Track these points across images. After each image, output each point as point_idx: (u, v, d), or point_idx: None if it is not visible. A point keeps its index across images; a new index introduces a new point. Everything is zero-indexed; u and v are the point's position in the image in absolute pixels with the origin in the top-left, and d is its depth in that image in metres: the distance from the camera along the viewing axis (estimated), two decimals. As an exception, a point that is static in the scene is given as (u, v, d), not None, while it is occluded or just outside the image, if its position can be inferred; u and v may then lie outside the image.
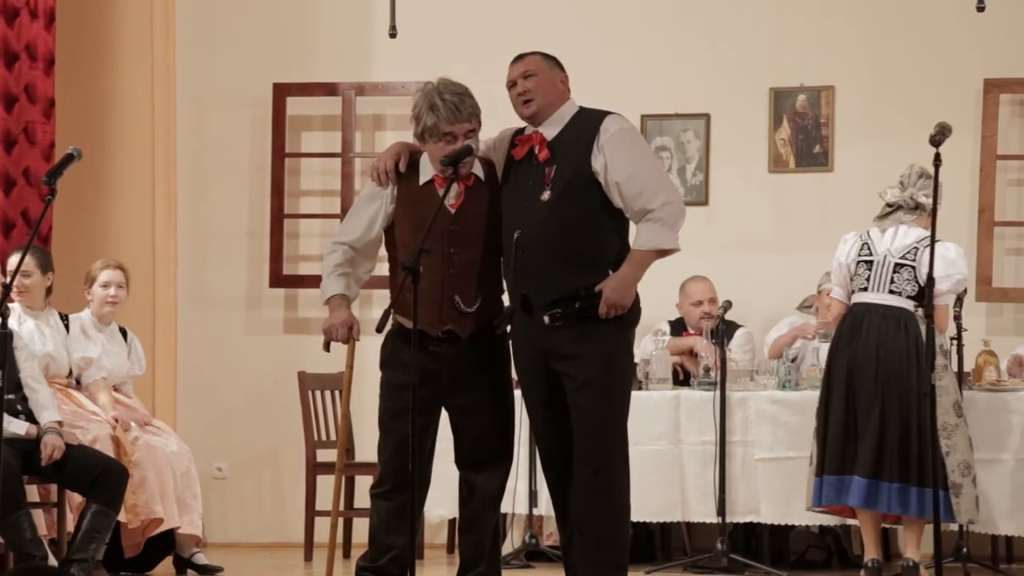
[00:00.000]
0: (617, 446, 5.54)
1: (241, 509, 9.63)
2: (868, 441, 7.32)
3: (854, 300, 7.50)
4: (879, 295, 7.42)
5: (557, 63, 5.69)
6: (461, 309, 5.61)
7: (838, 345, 7.47)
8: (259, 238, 9.67)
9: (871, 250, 7.49)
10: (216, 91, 9.72)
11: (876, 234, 7.54)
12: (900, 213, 7.50)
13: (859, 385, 7.35)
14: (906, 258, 7.42)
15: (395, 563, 5.69)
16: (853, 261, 7.50)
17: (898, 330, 7.37)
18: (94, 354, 7.81)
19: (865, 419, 7.34)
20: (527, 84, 5.59)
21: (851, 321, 7.45)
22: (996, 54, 9.12)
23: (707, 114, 9.43)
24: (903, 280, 7.41)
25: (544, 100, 5.60)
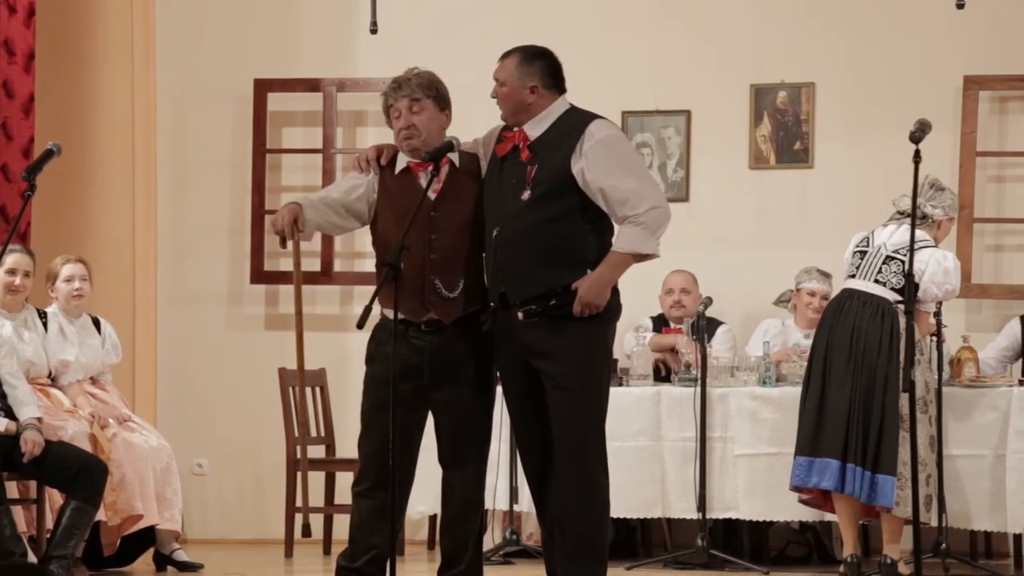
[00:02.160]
0: (595, 443, 5.55)
1: (221, 505, 9.61)
2: (836, 422, 7.37)
3: (843, 286, 7.59)
4: (864, 282, 7.49)
5: (541, 66, 5.62)
6: (443, 294, 5.62)
7: (821, 327, 7.55)
8: (240, 234, 9.66)
9: (869, 242, 7.56)
10: (196, 87, 9.70)
11: (880, 230, 7.59)
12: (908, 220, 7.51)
13: (833, 367, 7.43)
14: (899, 252, 7.46)
15: (375, 564, 5.69)
16: (851, 253, 7.59)
17: (874, 317, 7.42)
18: (71, 357, 7.80)
19: (835, 399, 7.40)
20: (497, 91, 5.63)
21: (835, 305, 7.55)
22: (976, 51, 9.14)
23: (688, 111, 9.44)
24: (890, 272, 7.46)
25: (508, 111, 5.61)
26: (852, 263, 7.57)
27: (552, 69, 5.66)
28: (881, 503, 7.38)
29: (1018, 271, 9.08)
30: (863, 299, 7.46)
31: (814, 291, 8.63)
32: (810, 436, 7.45)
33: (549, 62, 5.66)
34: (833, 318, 7.51)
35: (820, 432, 7.43)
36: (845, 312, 7.47)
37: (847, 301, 7.50)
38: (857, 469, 7.34)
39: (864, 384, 7.38)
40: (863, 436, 7.36)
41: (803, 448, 7.47)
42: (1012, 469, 7.69)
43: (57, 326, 7.82)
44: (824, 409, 7.44)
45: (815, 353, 7.55)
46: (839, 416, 7.39)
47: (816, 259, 8.62)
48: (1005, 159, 9.21)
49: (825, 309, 7.66)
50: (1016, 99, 9.19)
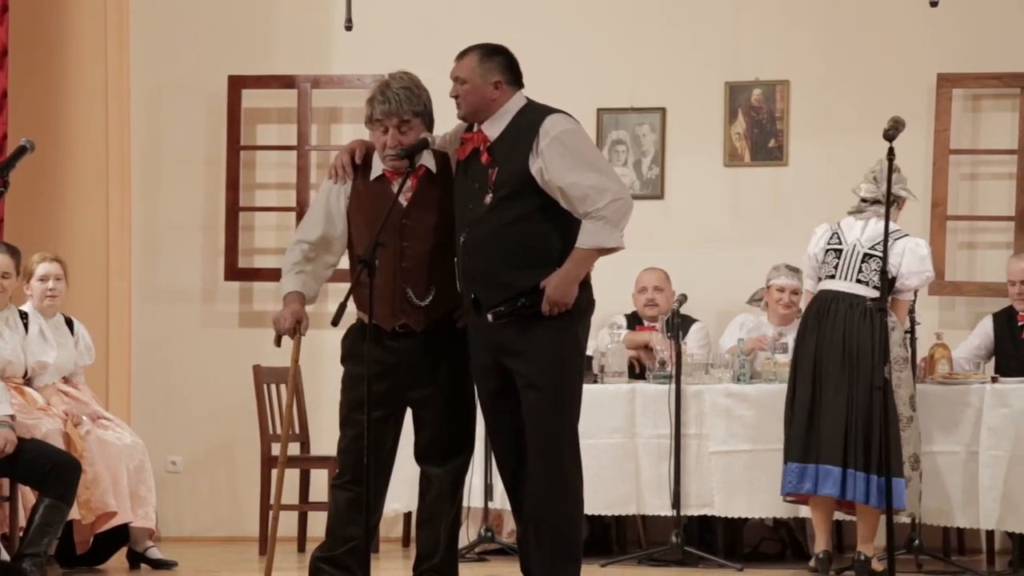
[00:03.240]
0: (568, 440, 5.55)
1: (195, 503, 9.59)
2: (833, 429, 7.37)
3: (821, 287, 7.57)
4: (846, 283, 7.50)
5: (500, 62, 5.58)
6: (414, 303, 5.62)
7: (804, 332, 7.54)
8: (214, 231, 9.64)
9: (841, 239, 7.56)
10: (171, 83, 9.68)
11: (848, 223, 7.61)
12: (876, 207, 7.54)
13: (826, 371, 7.42)
14: (875, 248, 7.48)
15: (352, 555, 5.68)
16: (821, 250, 7.59)
17: (863, 320, 7.43)
18: (49, 359, 7.77)
19: (831, 406, 7.40)
20: (458, 89, 5.59)
21: (817, 308, 7.52)
22: (949, 49, 9.18)
23: (663, 108, 9.45)
24: (871, 270, 7.48)
25: (470, 108, 5.57)
26: (827, 262, 7.57)
27: (511, 64, 5.62)
28: (896, 506, 7.35)
29: (991, 268, 9.12)
30: (849, 301, 7.47)
31: (783, 287, 8.65)
32: (802, 442, 7.43)
33: (508, 57, 5.63)
34: (819, 321, 7.49)
35: (815, 439, 7.41)
36: (833, 315, 7.46)
37: (832, 304, 7.49)
38: (859, 475, 7.34)
39: (862, 388, 7.37)
40: (865, 441, 7.34)
41: (795, 455, 7.44)
42: (985, 466, 7.72)
43: (38, 327, 7.79)
44: (818, 415, 7.42)
45: (802, 357, 7.51)
46: (836, 422, 7.37)
47: (790, 256, 8.63)
48: (978, 156, 9.25)
49: (806, 311, 7.61)
50: (989, 97, 9.23)
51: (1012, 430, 7.67)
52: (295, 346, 5.79)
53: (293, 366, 5.87)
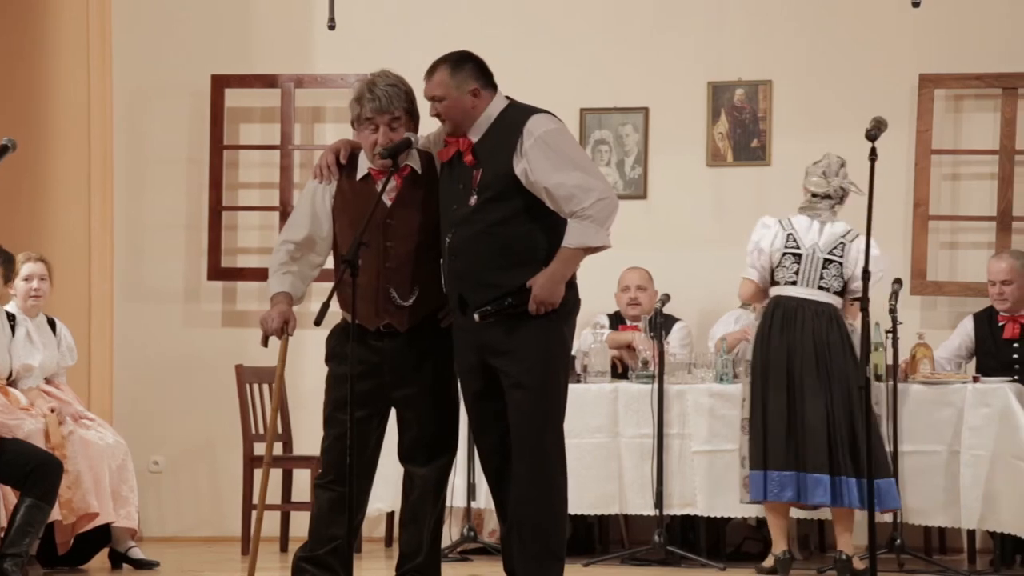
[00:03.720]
0: (553, 440, 5.55)
1: (178, 503, 9.58)
2: (817, 436, 7.39)
3: (782, 292, 7.59)
4: (809, 290, 7.55)
5: (471, 69, 5.54)
6: (397, 303, 5.62)
7: (769, 336, 7.53)
8: (197, 231, 9.63)
9: (797, 242, 7.59)
10: (153, 83, 9.67)
11: (801, 224, 7.64)
12: (828, 203, 7.60)
13: (801, 378, 7.43)
14: (833, 253, 7.57)
15: (335, 554, 5.68)
16: (778, 251, 7.60)
17: (830, 325, 7.51)
18: (35, 362, 7.76)
19: (812, 413, 7.41)
20: (437, 107, 5.56)
21: (782, 314, 7.53)
22: (931, 49, 9.20)
23: (646, 108, 9.47)
24: (831, 276, 7.56)
25: (454, 123, 5.55)
26: (786, 266, 7.58)
27: (482, 68, 5.59)
28: (890, 506, 7.42)
29: (972, 268, 9.14)
30: (815, 308, 7.52)
31: None
32: (783, 450, 7.42)
33: (477, 62, 5.59)
34: (784, 328, 7.52)
35: (797, 447, 7.43)
36: (801, 322, 7.50)
37: (798, 310, 7.53)
38: (851, 481, 7.36)
39: (839, 394, 7.40)
40: (851, 445, 7.37)
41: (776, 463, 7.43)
42: (966, 465, 7.74)
43: (25, 330, 7.78)
44: (798, 423, 7.42)
45: (772, 363, 7.50)
46: (818, 430, 7.38)
47: (773, 256, 8.64)
48: (960, 157, 9.27)
49: (768, 316, 7.58)
50: (971, 97, 9.25)
51: (993, 430, 7.70)
52: (282, 346, 5.79)
53: (280, 366, 5.87)
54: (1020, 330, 8.38)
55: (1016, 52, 9.12)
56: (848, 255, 7.55)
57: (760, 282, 7.66)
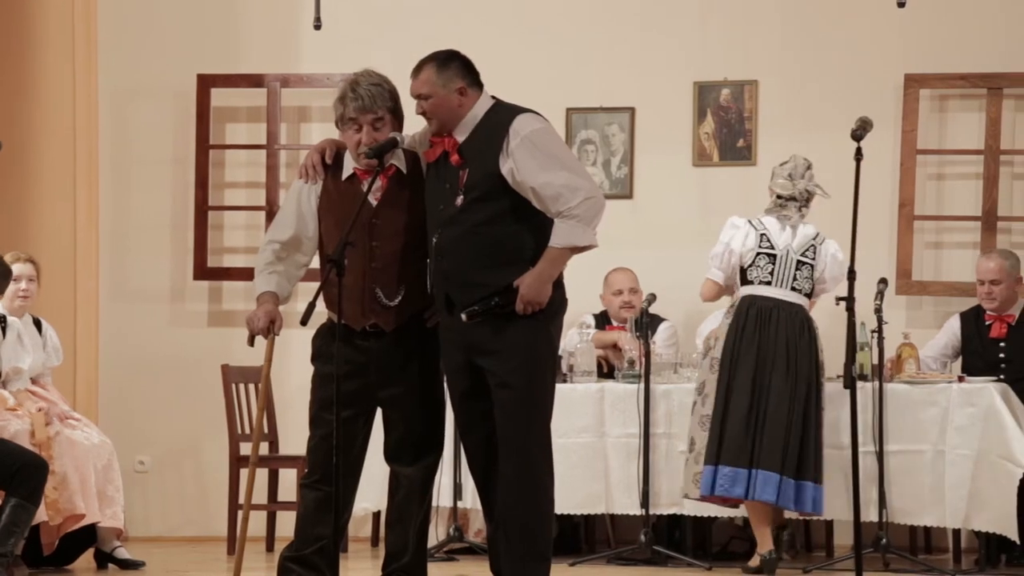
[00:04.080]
0: (539, 440, 5.55)
1: (163, 503, 9.57)
2: (774, 436, 7.46)
3: (755, 292, 7.66)
4: (782, 291, 7.65)
5: (457, 68, 5.53)
6: (383, 303, 5.62)
7: (742, 334, 7.60)
8: (183, 230, 9.61)
9: (772, 243, 7.65)
10: (139, 82, 9.65)
11: (772, 226, 7.72)
12: (795, 205, 7.65)
13: (770, 378, 7.53)
14: (805, 256, 7.70)
15: (321, 554, 5.68)
16: (751, 251, 7.67)
17: (802, 329, 7.64)
18: (25, 365, 7.75)
19: (775, 414, 7.50)
20: (423, 105, 5.56)
21: (756, 313, 7.61)
22: (916, 49, 9.22)
23: (632, 108, 9.47)
24: (803, 278, 7.70)
25: (440, 122, 5.55)
26: (760, 266, 7.66)
27: (468, 67, 5.58)
28: (815, 511, 7.54)
29: (957, 268, 9.16)
30: (788, 310, 7.63)
31: None
32: (738, 446, 7.48)
33: (463, 61, 5.59)
34: (758, 327, 7.58)
35: (753, 444, 7.49)
36: (775, 324, 7.59)
37: (773, 311, 7.62)
38: (791, 481, 7.48)
39: (802, 397, 7.53)
40: (799, 448, 7.49)
41: (728, 458, 7.49)
42: (951, 465, 7.76)
43: (16, 332, 7.76)
44: (758, 422, 7.50)
45: (740, 361, 7.57)
46: (778, 429, 7.48)
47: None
48: (945, 157, 9.29)
49: (740, 315, 7.65)
50: (956, 97, 9.27)
51: (978, 429, 7.71)
52: (268, 346, 5.78)
53: (266, 366, 5.87)
54: (1007, 329, 8.40)
55: (1001, 52, 9.14)
56: (819, 257, 7.70)
57: (724, 283, 7.77)
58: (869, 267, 7.64)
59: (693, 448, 7.66)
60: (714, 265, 7.76)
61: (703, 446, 7.58)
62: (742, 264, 7.70)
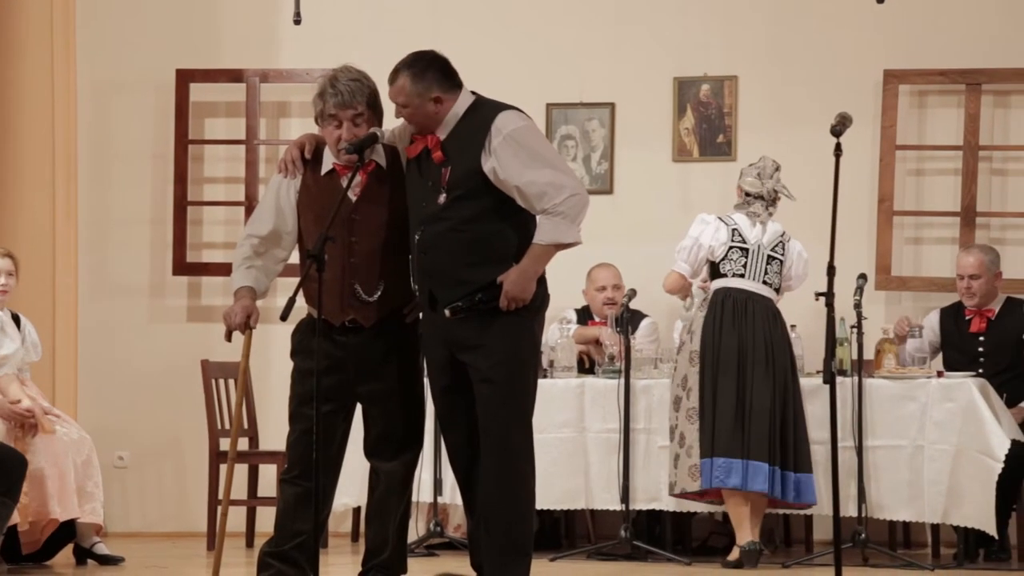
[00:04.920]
0: (521, 436, 5.56)
1: (143, 498, 9.55)
2: (761, 427, 7.52)
3: (729, 284, 7.73)
4: (755, 284, 7.73)
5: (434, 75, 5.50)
6: (362, 298, 5.61)
7: (720, 326, 7.64)
8: (162, 225, 9.59)
9: (743, 237, 7.71)
10: (118, 77, 9.62)
11: (743, 221, 7.79)
12: (762, 203, 7.74)
13: (752, 369, 7.59)
14: (775, 251, 7.79)
15: (300, 549, 5.68)
16: (723, 245, 7.74)
17: (775, 321, 7.73)
18: (8, 351, 7.72)
19: (759, 404, 7.55)
20: (403, 113, 5.55)
21: (732, 305, 7.67)
22: (896, 45, 9.24)
23: (612, 103, 9.47)
24: (773, 272, 7.80)
25: (419, 127, 5.54)
26: (732, 259, 7.74)
27: (445, 71, 5.55)
28: (807, 500, 7.56)
29: (937, 263, 9.18)
30: (763, 303, 7.72)
31: None
32: (730, 438, 7.51)
33: (440, 65, 5.55)
34: (736, 318, 7.63)
35: (741, 435, 7.53)
36: (752, 315, 7.66)
37: (748, 303, 7.69)
38: (779, 471, 7.54)
39: (781, 387, 7.59)
40: (782, 438, 7.55)
41: (722, 449, 7.52)
42: (930, 460, 7.79)
43: None
44: (745, 412, 7.54)
45: (723, 352, 7.60)
46: (763, 420, 7.54)
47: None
48: (924, 152, 9.31)
49: (716, 306, 7.70)
50: (935, 93, 9.29)
51: (957, 425, 7.74)
52: (246, 341, 5.78)
53: (244, 361, 5.86)
54: (986, 324, 8.43)
55: (980, 48, 9.16)
56: (788, 254, 7.82)
57: (689, 277, 7.86)
58: (849, 262, 7.68)
59: (684, 443, 7.67)
60: (681, 258, 7.84)
61: (695, 439, 7.60)
62: (713, 258, 7.76)
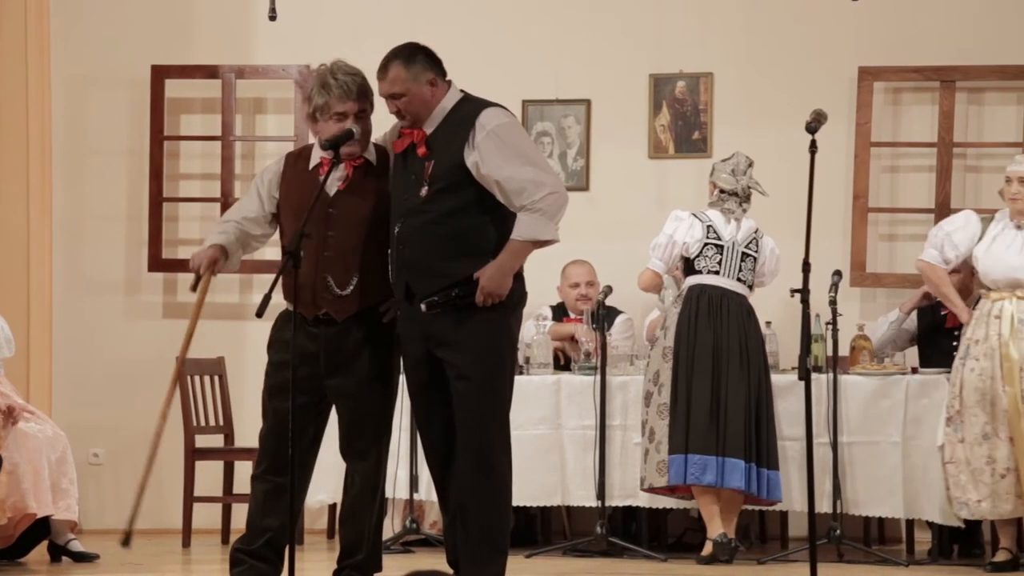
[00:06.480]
0: (498, 432, 5.56)
1: (118, 495, 9.52)
2: (736, 423, 7.55)
3: (704, 281, 7.76)
4: (730, 281, 7.77)
5: (423, 61, 5.55)
6: (334, 291, 5.62)
7: (696, 323, 7.65)
8: (138, 222, 9.57)
9: (718, 234, 7.74)
10: (93, 72, 9.59)
11: (717, 219, 7.81)
12: (736, 200, 7.75)
13: (727, 366, 7.59)
14: (749, 248, 7.83)
15: (270, 546, 5.68)
16: (698, 242, 7.76)
17: (749, 317, 7.77)
18: None
19: (734, 401, 7.59)
20: (398, 104, 5.55)
21: (707, 301, 7.69)
22: (870, 42, 9.26)
23: (588, 100, 9.48)
24: (747, 269, 7.85)
25: (416, 117, 5.56)
26: (707, 256, 7.77)
27: (433, 58, 5.61)
28: (775, 497, 7.61)
29: (912, 260, 9.14)
30: (736, 299, 7.76)
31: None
32: (704, 434, 7.54)
33: (427, 52, 5.61)
34: (711, 314, 7.65)
35: (716, 432, 7.55)
36: (725, 311, 7.70)
37: (723, 300, 7.71)
38: (755, 468, 7.56)
39: (755, 384, 7.63)
40: (757, 435, 7.59)
41: (697, 446, 7.55)
42: (905, 456, 7.82)
43: None
44: (720, 409, 7.57)
45: (699, 349, 7.62)
46: (738, 417, 7.56)
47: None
48: (899, 149, 9.34)
49: (691, 302, 7.73)
50: (909, 90, 9.32)
51: (933, 421, 7.76)
52: (204, 283, 5.71)
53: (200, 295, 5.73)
54: (963, 319, 8.44)
55: (954, 45, 9.19)
56: (762, 251, 7.86)
57: (664, 274, 7.87)
58: (823, 259, 7.69)
59: (653, 438, 7.69)
60: (656, 256, 7.85)
61: (664, 435, 7.62)
62: (688, 255, 7.78)
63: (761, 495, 7.64)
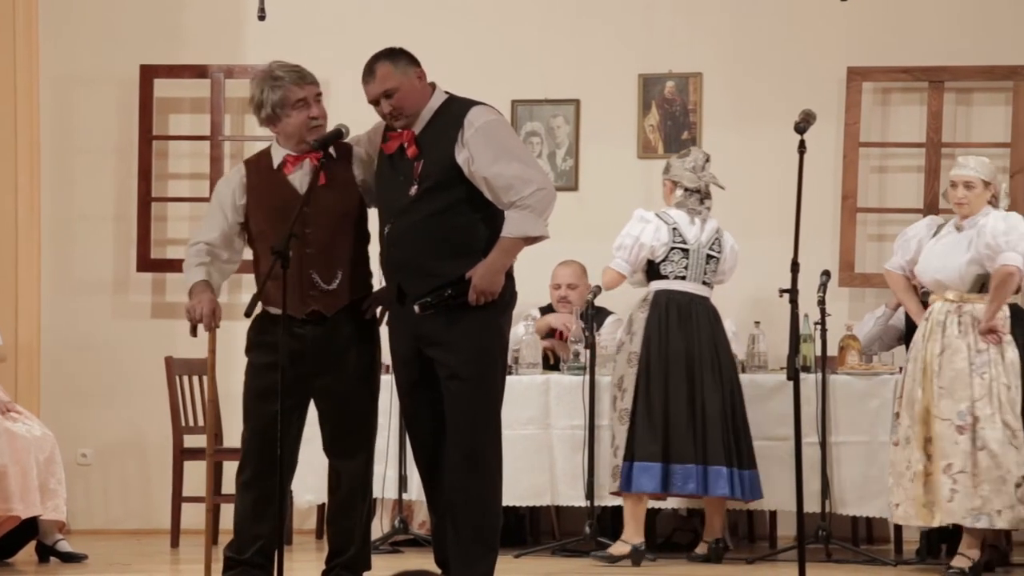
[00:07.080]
0: (489, 431, 5.57)
1: (106, 495, 9.52)
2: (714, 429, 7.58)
3: (672, 287, 7.75)
4: (696, 286, 7.79)
5: (407, 58, 5.61)
6: (321, 287, 5.61)
7: (666, 329, 7.65)
8: (126, 221, 9.56)
9: (683, 237, 7.74)
10: (81, 72, 9.58)
11: (682, 219, 7.81)
12: (698, 197, 7.82)
13: (701, 373, 7.60)
14: (713, 249, 7.83)
15: (261, 553, 5.68)
16: (664, 245, 7.75)
17: (716, 323, 7.79)
18: None
19: (711, 407, 7.62)
20: (392, 103, 5.55)
21: (677, 308, 7.69)
22: (859, 43, 9.27)
23: (577, 100, 9.48)
24: (711, 271, 7.86)
25: (412, 110, 5.57)
26: (674, 261, 7.77)
27: (412, 57, 5.65)
28: (756, 496, 7.64)
29: (900, 260, 9.21)
30: (703, 304, 7.78)
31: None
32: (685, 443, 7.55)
33: (409, 53, 5.65)
34: (681, 321, 7.67)
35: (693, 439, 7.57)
36: (695, 317, 7.71)
37: (692, 306, 7.72)
38: (736, 472, 7.60)
39: (728, 390, 7.67)
40: (735, 438, 7.63)
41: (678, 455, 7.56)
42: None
43: None
44: (697, 417, 7.58)
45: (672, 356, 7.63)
46: (716, 423, 7.59)
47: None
48: (887, 150, 9.35)
49: (659, 308, 7.73)
50: (898, 91, 9.33)
51: (920, 420, 7.77)
52: (211, 339, 5.76)
53: (210, 356, 5.83)
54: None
55: (942, 46, 9.20)
56: (724, 250, 7.86)
57: (629, 276, 7.83)
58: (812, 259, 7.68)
59: (613, 442, 7.72)
60: (621, 257, 7.82)
61: (623, 440, 7.64)
62: (654, 258, 7.77)
63: (745, 497, 7.65)
